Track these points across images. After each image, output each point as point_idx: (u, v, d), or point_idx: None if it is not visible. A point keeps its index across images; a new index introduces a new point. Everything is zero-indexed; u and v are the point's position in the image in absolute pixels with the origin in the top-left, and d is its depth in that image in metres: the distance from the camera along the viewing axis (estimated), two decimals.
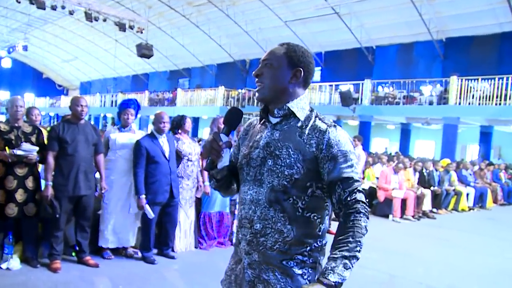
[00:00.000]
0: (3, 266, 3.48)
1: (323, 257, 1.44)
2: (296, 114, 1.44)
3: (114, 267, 3.86)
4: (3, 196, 3.45)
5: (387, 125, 18.71)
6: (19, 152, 3.42)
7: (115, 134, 4.12)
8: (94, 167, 3.86)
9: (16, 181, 3.48)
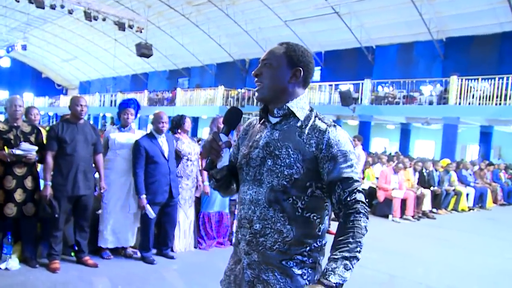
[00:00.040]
0: (2, 266, 3.47)
1: (322, 257, 1.43)
2: (295, 114, 1.43)
3: (113, 267, 3.86)
4: (2, 196, 3.44)
5: (387, 125, 18.70)
6: (18, 152, 3.41)
7: (115, 134, 4.12)
8: (93, 167, 3.85)
9: (15, 180, 3.48)
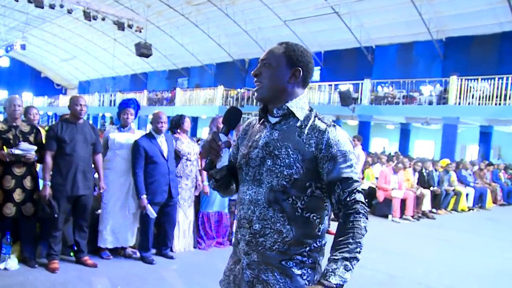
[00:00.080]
0: (1, 266, 3.47)
1: (322, 257, 1.43)
2: (295, 114, 1.43)
3: (113, 267, 3.85)
4: (1, 196, 3.44)
5: (386, 125, 18.70)
6: (17, 152, 3.41)
7: (114, 134, 4.11)
8: (93, 167, 3.85)
9: (14, 180, 3.47)
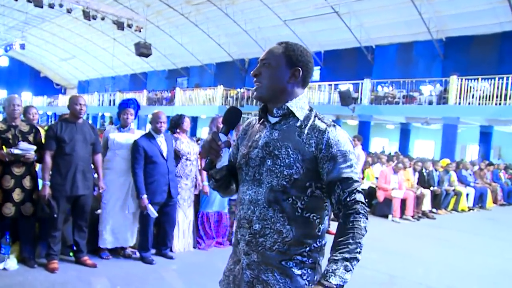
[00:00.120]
0: (0, 266, 3.46)
1: (322, 257, 1.43)
2: (295, 114, 1.42)
3: (112, 267, 3.85)
4: (0, 196, 3.43)
5: (386, 124, 18.70)
6: (16, 151, 3.40)
7: (114, 134, 4.11)
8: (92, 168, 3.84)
9: (13, 180, 3.47)
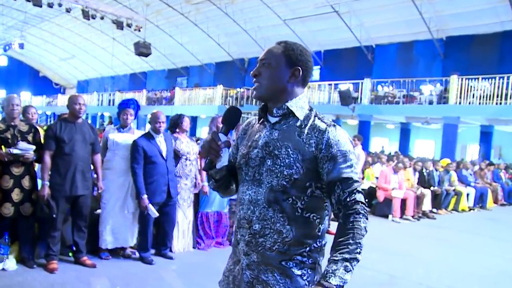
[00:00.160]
0: None
1: (322, 257, 1.42)
2: (295, 114, 1.42)
3: (112, 268, 3.84)
4: None
5: (386, 124, 18.68)
6: (15, 151, 3.39)
7: (114, 134, 4.11)
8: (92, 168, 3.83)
9: (13, 180, 3.46)
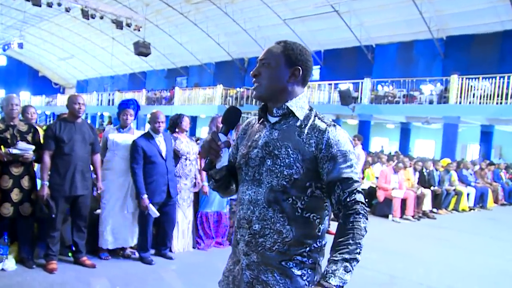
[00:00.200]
0: None
1: (322, 257, 1.42)
2: (295, 113, 1.42)
3: (111, 268, 3.83)
4: None
5: (386, 124, 18.67)
6: (14, 151, 3.38)
7: (114, 135, 4.11)
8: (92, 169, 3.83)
9: (12, 180, 3.45)
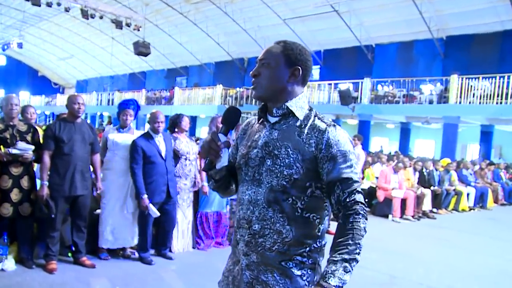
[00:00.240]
0: None
1: (322, 258, 1.42)
2: (295, 113, 1.41)
3: (111, 268, 3.83)
4: None
5: (386, 124, 18.67)
6: (14, 151, 3.38)
7: (114, 135, 4.11)
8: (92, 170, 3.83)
9: (11, 180, 3.45)
